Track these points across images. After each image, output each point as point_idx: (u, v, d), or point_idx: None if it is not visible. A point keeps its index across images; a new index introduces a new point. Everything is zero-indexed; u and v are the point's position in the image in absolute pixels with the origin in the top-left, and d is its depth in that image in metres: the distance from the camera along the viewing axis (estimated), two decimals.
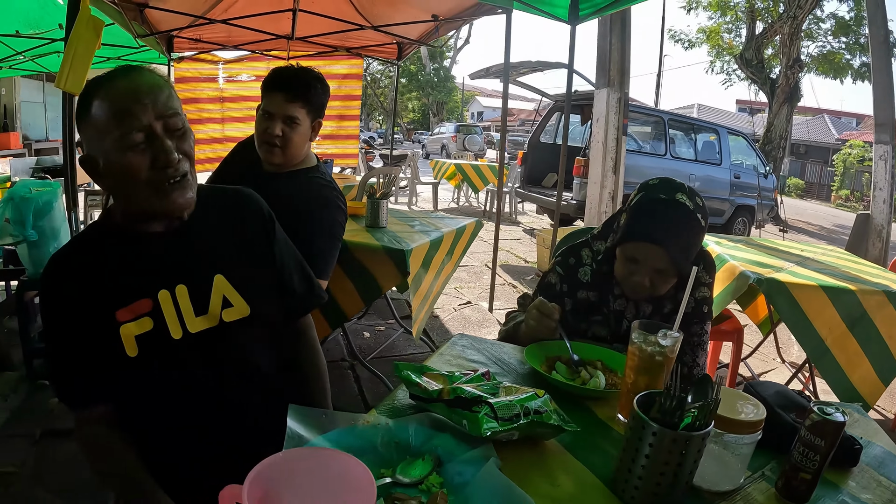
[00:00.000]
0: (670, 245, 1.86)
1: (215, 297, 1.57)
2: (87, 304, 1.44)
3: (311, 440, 1.26)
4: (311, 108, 2.60)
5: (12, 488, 3.04)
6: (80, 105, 1.41)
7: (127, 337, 1.45)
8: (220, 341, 1.57)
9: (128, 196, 1.48)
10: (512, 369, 1.84)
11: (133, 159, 1.40)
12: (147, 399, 1.51)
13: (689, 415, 1.16)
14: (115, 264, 1.49)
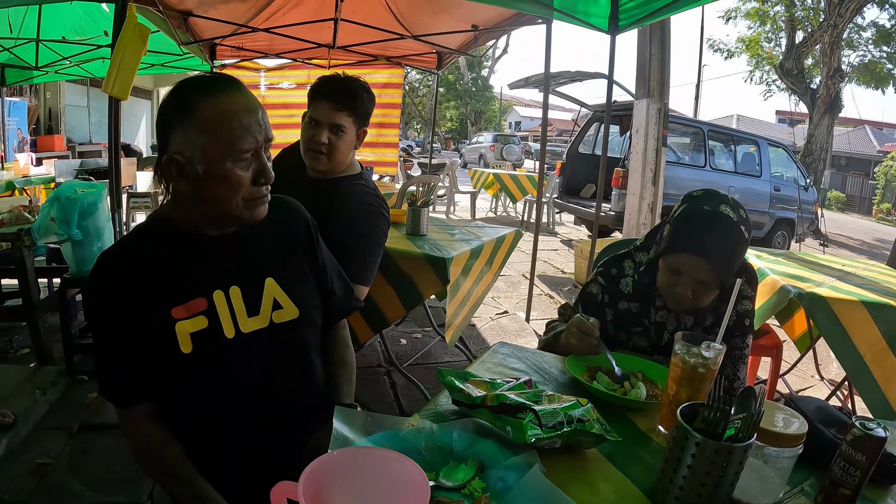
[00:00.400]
0: (714, 257, 1.86)
1: (266, 298, 1.64)
2: (141, 300, 1.48)
3: (356, 441, 1.30)
4: (357, 116, 2.63)
5: (48, 479, 3.13)
6: (179, 108, 1.46)
7: (182, 334, 1.50)
8: (270, 341, 1.62)
9: (215, 202, 1.52)
10: (553, 378, 1.85)
11: (239, 172, 1.48)
12: (197, 395, 1.55)
13: (733, 426, 1.16)
14: (172, 264, 1.54)
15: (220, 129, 1.44)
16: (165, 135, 1.48)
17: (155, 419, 1.55)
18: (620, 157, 10.25)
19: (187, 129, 1.44)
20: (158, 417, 1.56)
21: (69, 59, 8.73)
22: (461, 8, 6.40)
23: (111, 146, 4.40)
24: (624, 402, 1.66)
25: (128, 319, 1.48)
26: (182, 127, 1.45)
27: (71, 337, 4.35)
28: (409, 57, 8.89)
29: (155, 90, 21.55)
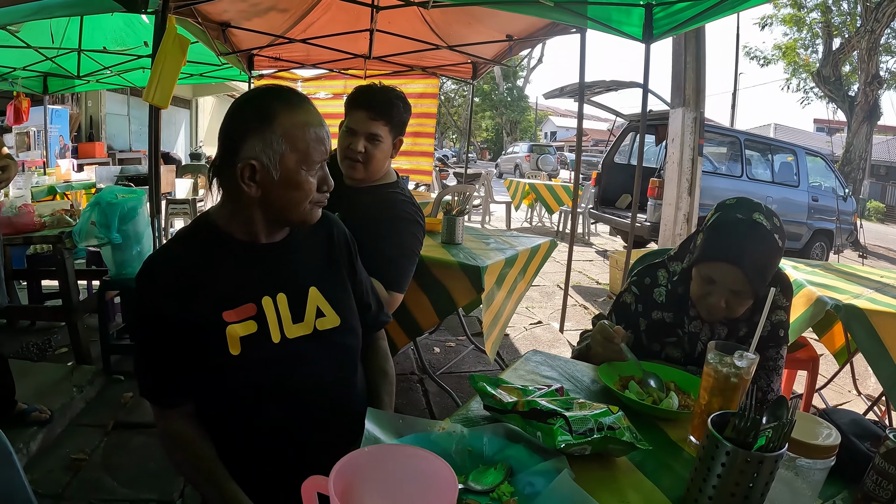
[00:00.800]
0: (746, 266, 1.85)
1: (310, 306, 1.71)
2: (190, 302, 1.53)
3: (388, 443, 1.32)
4: (393, 126, 2.66)
5: (81, 474, 3.22)
6: (259, 116, 1.53)
7: (232, 337, 1.56)
8: (313, 347, 1.68)
9: (284, 206, 1.61)
10: (585, 387, 1.86)
11: (311, 180, 1.60)
12: (240, 397, 1.60)
13: (763, 436, 1.15)
14: (222, 268, 1.61)
15: (300, 140, 1.55)
16: (239, 140, 1.54)
17: (191, 420, 1.60)
18: (656, 167, 10.18)
19: (268, 136, 1.52)
20: (195, 419, 1.60)
21: (110, 69, 8.93)
22: (496, 18, 6.42)
23: (151, 153, 4.48)
24: (655, 411, 1.65)
25: (173, 320, 1.52)
26: (261, 135, 1.52)
27: (109, 337, 4.49)
28: (444, 67, 8.96)
29: (193, 99, 21.83)
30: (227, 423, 1.62)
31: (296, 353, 1.65)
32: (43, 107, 10.48)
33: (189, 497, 3.10)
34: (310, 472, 1.10)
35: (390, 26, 6.99)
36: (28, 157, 10.15)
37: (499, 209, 14.33)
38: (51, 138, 11.82)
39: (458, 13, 6.48)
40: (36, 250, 5.52)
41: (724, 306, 1.95)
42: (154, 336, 1.57)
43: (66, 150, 13.55)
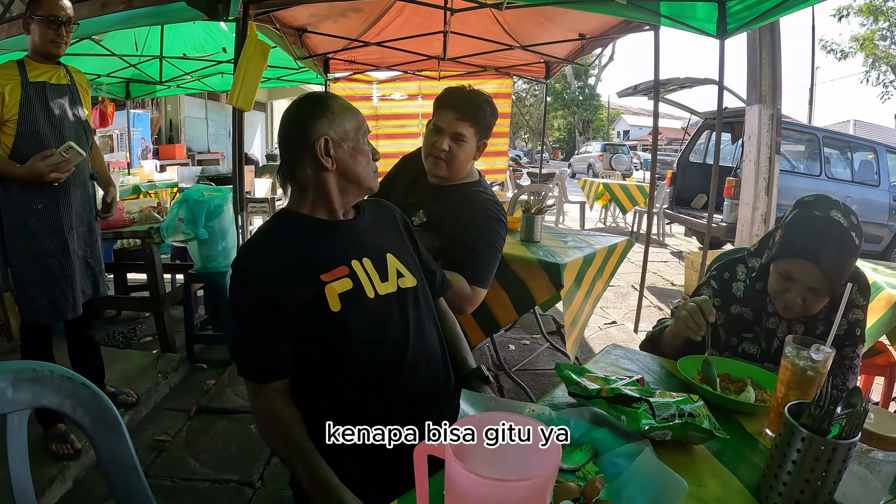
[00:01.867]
0: (824, 263, 1.87)
1: (391, 269, 1.94)
2: (291, 276, 1.75)
3: None
4: (479, 128, 2.74)
5: (165, 454, 3.44)
6: (318, 105, 1.87)
7: (332, 294, 1.76)
8: (401, 302, 1.91)
9: (356, 174, 1.91)
10: (663, 380, 1.93)
11: (368, 148, 1.94)
12: (341, 352, 1.78)
13: (838, 424, 1.19)
14: (313, 243, 1.86)
15: (351, 117, 1.89)
16: (306, 127, 1.84)
17: (286, 398, 1.77)
18: (732, 165, 10.01)
19: (330, 116, 1.84)
20: (289, 398, 1.78)
21: (190, 74, 9.26)
22: (568, 17, 6.44)
23: (235, 154, 4.66)
24: (732, 404, 1.70)
25: (274, 297, 1.72)
26: (325, 116, 1.84)
27: (193, 328, 4.76)
28: (517, 67, 8.99)
29: (269, 102, 22.30)
30: (324, 387, 1.80)
31: (388, 306, 1.87)
32: (126, 111, 10.92)
33: (268, 479, 3.25)
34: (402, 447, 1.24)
35: (463, 27, 7.04)
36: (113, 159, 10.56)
37: (572, 209, 14.30)
38: (133, 141, 12.32)
39: (531, 13, 6.51)
40: (123, 245, 5.84)
41: (802, 303, 1.97)
42: (254, 316, 1.74)
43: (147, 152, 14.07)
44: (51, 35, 3.18)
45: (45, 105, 3.21)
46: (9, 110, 3.11)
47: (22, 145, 3.11)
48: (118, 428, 1.42)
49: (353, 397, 1.79)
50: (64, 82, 3.37)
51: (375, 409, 1.79)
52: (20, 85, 3.15)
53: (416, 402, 1.84)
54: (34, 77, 3.22)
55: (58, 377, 1.34)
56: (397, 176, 3.13)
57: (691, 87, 9.77)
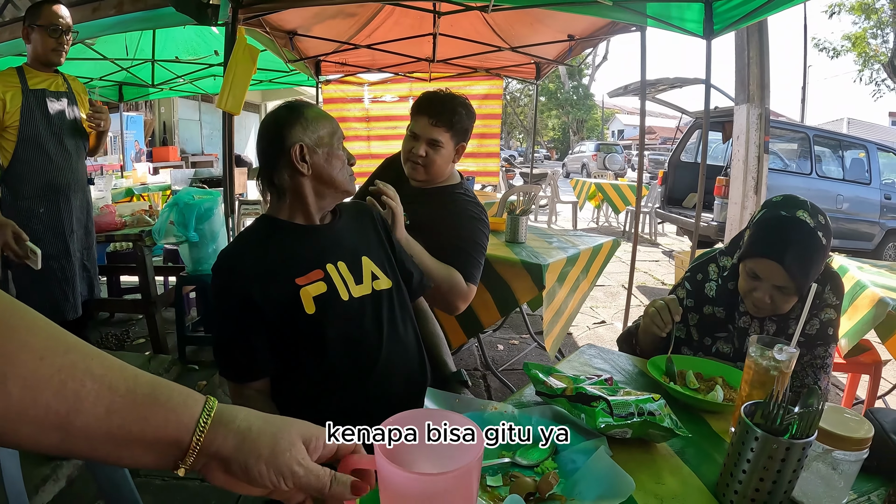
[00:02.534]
0: (788, 262, 1.90)
1: (366, 271, 2.01)
2: (268, 280, 1.81)
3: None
4: (455, 132, 2.77)
5: None
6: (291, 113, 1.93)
7: (306, 297, 1.83)
8: (375, 304, 1.98)
9: (332, 178, 1.96)
10: (633, 378, 1.97)
11: (342, 153, 2.00)
12: (315, 353, 1.85)
13: (794, 422, 1.21)
14: (287, 247, 1.91)
15: (325, 124, 1.96)
16: (282, 135, 1.90)
17: (266, 398, 1.85)
18: (723, 164, 10.03)
19: (304, 123, 1.91)
20: (269, 398, 1.84)
21: (182, 77, 9.29)
22: (557, 19, 6.45)
23: (225, 157, 4.69)
24: (700, 403, 1.73)
25: (252, 300, 1.78)
26: (299, 123, 1.90)
27: (184, 329, 4.77)
28: (507, 68, 9.01)
29: (263, 104, 22.27)
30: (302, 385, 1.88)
31: (362, 308, 1.93)
32: (119, 114, 10.93)
33: None
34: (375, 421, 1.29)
35: (453, 29, 7.09)
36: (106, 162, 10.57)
37: (565, 209, 14.33)
38: (127, 143, 12.35)
39: (520, 15, 6.53)
40: (115, 248, 5.88)
41: (770, 302, 2.00)
42: (234, 318, 1.81)
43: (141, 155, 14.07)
44: (52, 44, 3.31)
45: (45, 112, 3.33)
46: (10, 117, 3.23)
47: (22, 151, 3.24)
48: None
49: (327, 395, 1.86)
50: (62, 89, 3.48)
51: (349, 406, 1.86)
52: (21, 92, 3.27)
53: (390, 400, 1.89)
54: (34, 84, 3.33)
55: None
56: (381, 177, 3.13)
57: (682, 86, 9.81)
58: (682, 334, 2.30)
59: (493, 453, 1.43)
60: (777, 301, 2.00)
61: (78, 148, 3.49)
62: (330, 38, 7.30)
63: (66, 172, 3.47)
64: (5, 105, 3.21)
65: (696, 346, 2.25)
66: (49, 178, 3.40)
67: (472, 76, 9.14)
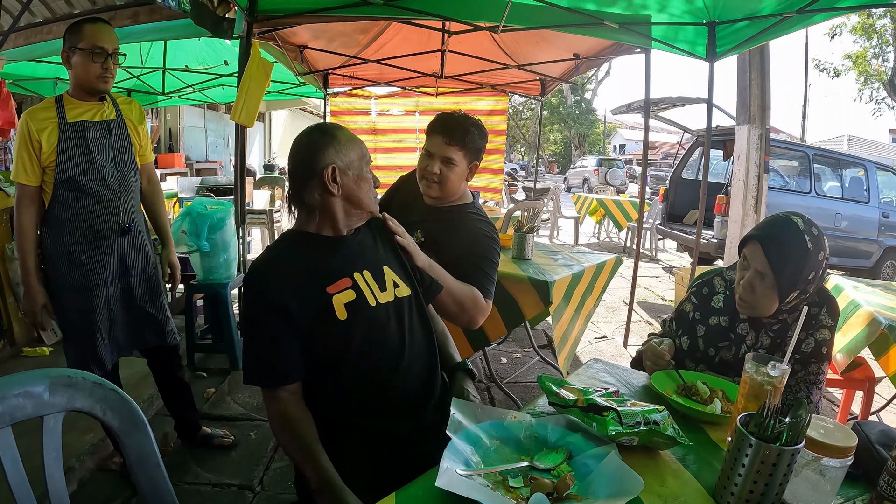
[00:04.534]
0: (767, 245, 2.12)
1: (388, 279, 2.14)
2: (300, 288, 1.93)
3: (469, 427, 1.62)
4: (467, 151, 2.88)
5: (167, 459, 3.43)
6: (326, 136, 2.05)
7: (338, 304, 1.96)
8: (399, 310, 2.11)
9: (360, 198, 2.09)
10: (638, 391, 2.13)
11: (368, 180, 2.11)
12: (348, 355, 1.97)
13: (784, 431, 1.35)
14: (319, 258, 2.04)
15: (356, 147, 2.07)
16: (315, 156, 2.01)
17: (298, 401, 1.94)
18: (724, 182, 10.08)
19: (336, 146, 2.02)
20: (301, 400, 1.95)
21: (192, 87, 9.37)
22: (563, 38, 6.55)
23: (237, 168, 4.80)
24: (700, 414, 1.87)
25: (286, 308, 1.90)
26: (333, 146, 2.02)
27: (193, 337, 4.89)
28: (513, 84, 9.13)
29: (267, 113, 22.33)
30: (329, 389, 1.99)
31: (387, 313, 2.06)
32: None
33: (268, 483, 3.38)
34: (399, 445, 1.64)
35: (461, 47, 7.22)
36: None
37: (567, 224, 14.36)
38: None
39: (527, 34, 6.63)
40: None
41: (752, 290, 2.18)
42: (269, 325, 1.91)
43: None
44: (97, 70, 2.95)
45: (85, 148, 2.96)
46: (47, 157, 2.90)
47: (62, 193, 2.95)
48: (144, 429, 1.57)
49: (353, 394, 1.99)
50: (108, 117, 3.10)
51: (373, 404, 2.00)
52: (58, 128, 2.91)
53: (408, 398, 2.06)
54: (73, 117, 2.96)
55: (90, 383, 1.50)
56: (393, 197, 3.28)
57: (684, 105, 9.87)
58: (686, 347, 2.47)
59: (513, 458, 1.58)
60: (758, 293, 2.18)
61: (126, 185, 3.13)
62: (339, 52, 7.42)
63: (110, 215, 3.08)
64: (41, 145, 2.86)
65: (701, 356, 2.42)
66: (91, 222, 3.03)
67: (478, 92, 9.27)
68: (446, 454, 1.46)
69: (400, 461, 1.89)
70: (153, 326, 3.31)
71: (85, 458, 3.38)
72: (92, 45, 2.92)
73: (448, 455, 1.46)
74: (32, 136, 2.87)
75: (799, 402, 1.36)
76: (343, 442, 1.96)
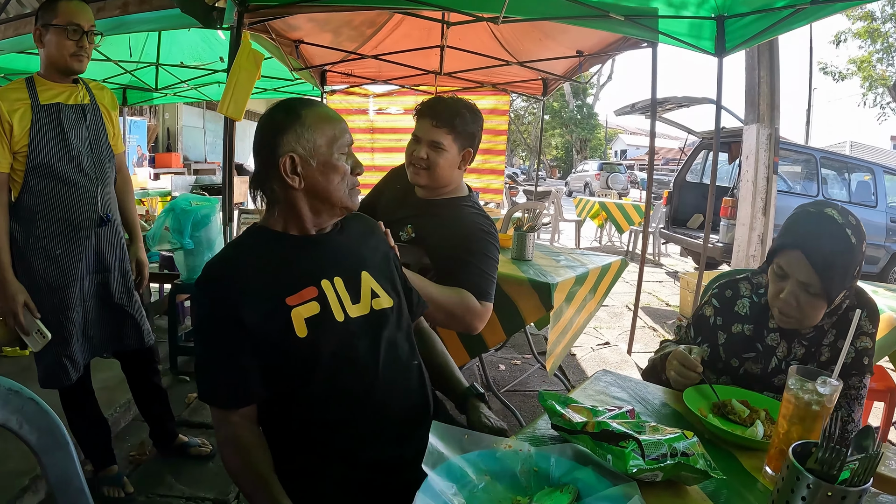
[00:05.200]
0: (811, 252, 1.81)
1: (365, 288, 1.82)
2: (255, 297, 1.63)
3: (451, 459, 1.30)
4: (458, 135, 2.67)
5: (141, 468, 3.38)
6: (288, 116, 1.72)
7: (298, 319, 1.65)
8: (374, 325, 1.79)
9: (326, 191, 1.75)
10: (656, 410, 1.81)
11: (342, 163, 1.76)
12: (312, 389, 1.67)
13: (848, 468, 1.08)
14: (281, 260, 1.73)
15: (327, 128, 1.73)
16: (274, 141, 1.70)
17: (252, 426, 1.66)
18: (729, 185, 9.97)
19: (299, 130, 1.70)
20: (255, 425, 1.68)
21: (187, 83, 9.16)
22: (566, 34, 6.42)
23: (225, 163, 4.59)
24: (739, 440, 1.58)
25: (238, 319, 1.60)
26: (293, 130, 1.70)
27: (177, 339, 4.70)
28: (514, 83, 8.95)
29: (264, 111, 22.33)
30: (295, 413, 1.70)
31: (359, 330, 1.75)
32: (122, 118, 10.79)
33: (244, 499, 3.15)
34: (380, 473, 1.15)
35: (461, 42, 7.06)
36: None
37: (568, 228, 14.23)
38: (129, 148, 12.26)
39: (529, 30, 6.52)
40: None
41: (796, 304, 1.88)
42: (221, 338, 1.64)
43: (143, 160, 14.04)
44: (71, 47, 2.74)
45: (60, 132, 2.77)
46: (18, 141, 2.68)
47: (34, 181, 2.74)
48: (66, 447, 1.35)
49: (320, 422, 1.69)
50: (83, 101, 2.90)
51: (346, 431, 1.70)
52: (30, 109, 2.71)
53: (389, 423, 1.74)
54: (46, 99, 2.77)
55: (4, 390, 1.27)
56: (384, 189, 3.08)
57: (689, 106, 9.74)
58: (706, 356, 2.14)
59: (506, 499, 1.28)
60: (803, 305, 1.88)
61: (103, 173, 2.94)
62: (336, 47, 7.25)
63: (87, 204, 2.88)
64: (13, 127, 2.64)
65: (723, 367, 2.12)
66: (67, 212, 2.84)
67: (479, 90, 9.06)
68: (419, 496, 1.18)
69: (378, 493, 1.63)
70: (131, 326, 3.13)
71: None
72: (67, 20, 2.71)
73: (422, 497, 1.18)
74: (3, 118, 2.64)
75: (864, 431, 1.11)
76: (311, 471, 1.68)
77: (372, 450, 1.68)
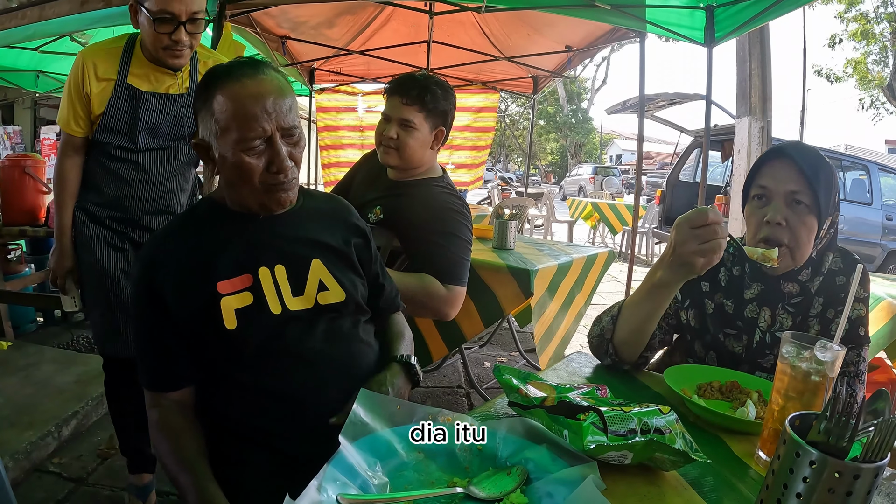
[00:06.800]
0: (797, 156, 1.70)
1: (312, 279, 1.62)
2: (188, 279, 1.50)
3: (378, 431, 1.12)
4: (429, 113, 2.56)
5: (108, 461, 3.33)
6: (201, 93, 1.49)
7: (227, 310, 1.49)
8: (315, 322, 1.59)
9: (233, 187, 1.55)
10: (635, 391, 1.60)
11: (250, 161, 1.47)
12: (239, 380, 1.52)
13: (859, 442, 0.87)
14: (219, 240, 1.56)
15: (228, 118, 1.45)
16: (195, 113, 1.55)
17: (185, 411, 1.54)
18: (722, 184, 9.87)
19: (205, 115, 1.48)
20: (189, 410, 1.55)
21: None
22: (554, 28, 6.39)
23: None
24: (728, 421, 1.37)
25: (167, 301, 1.49)
26: (202, 114, 1.50)
27: None
28: (504, 81, 8.94)
29: None
30: (226, 404, 1.54)
31: (296, 325, 1.56)
32: None
33: None
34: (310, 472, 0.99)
35: (449, 38, 7.04)
36: None
37: (560, 229, 14.10)
38: None
39: (517, 25, 6.49)
40: None
41: (785, 224, 1.70)
42: (148, 318, 1.53)
43: None
44: (164, 41, 2.31)
45: (135, 119, 2.44)
46: (94, 114, 2.42)
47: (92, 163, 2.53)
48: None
49: (253, 410, 1.52)
50: (178, 91, 2.52)
51: (280, 425, 1.52)
52: (113, 88, 2.39)
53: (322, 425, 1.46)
54: (135, 80, 2.42)
55: None
56: (357, 173, 2.99)
57: (681, 102, 9.68)
58: (695, 324, 1.93)
59: (441, 480, 1.07)
60: (793, 225, 1.70)
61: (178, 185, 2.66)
62: (323, 42, 7.21)
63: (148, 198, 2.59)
64: (90, 101, 2.35)
65: (711, 341, 1.89)
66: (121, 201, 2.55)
67: (468, 88, 9.01)
68: (328, 468, 0.99)
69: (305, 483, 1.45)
70: None
71: (20, 458, 3.08)
72: (160, 7, 2.24)
73: (332, 470, 0.98)
74: (84, 86, 2.38)
75: (878, 393, 0.90)
76: (238, 459, 1.51)
77: (303, 444, 1.49)
